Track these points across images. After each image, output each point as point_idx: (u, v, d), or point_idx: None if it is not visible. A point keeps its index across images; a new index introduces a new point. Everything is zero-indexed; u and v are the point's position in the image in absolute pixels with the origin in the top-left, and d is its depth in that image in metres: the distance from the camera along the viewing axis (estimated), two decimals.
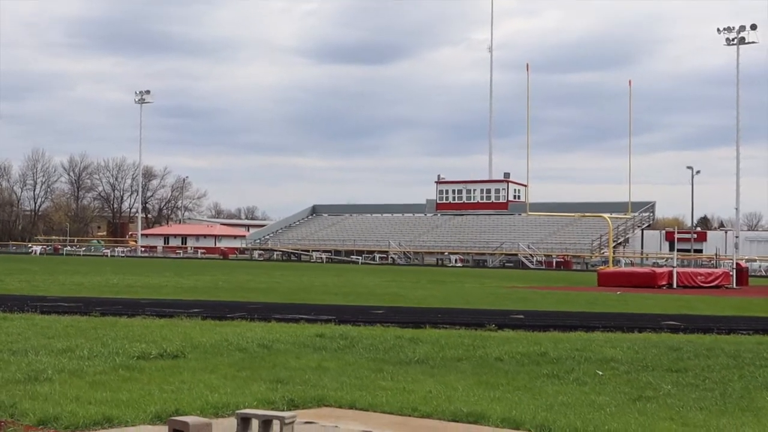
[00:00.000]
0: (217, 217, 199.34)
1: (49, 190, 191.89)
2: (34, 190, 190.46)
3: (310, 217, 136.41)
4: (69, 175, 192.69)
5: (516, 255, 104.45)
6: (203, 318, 20.02)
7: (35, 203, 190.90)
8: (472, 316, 22.57)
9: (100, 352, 13.96)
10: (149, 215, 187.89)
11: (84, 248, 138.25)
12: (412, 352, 14.64)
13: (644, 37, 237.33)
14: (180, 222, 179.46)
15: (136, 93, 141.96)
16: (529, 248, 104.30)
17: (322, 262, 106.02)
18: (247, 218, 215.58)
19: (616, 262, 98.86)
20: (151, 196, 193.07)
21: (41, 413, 9.42)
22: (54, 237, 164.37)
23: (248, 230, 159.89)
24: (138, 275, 47.20)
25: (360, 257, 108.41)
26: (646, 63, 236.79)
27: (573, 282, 52.52)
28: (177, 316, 20.29)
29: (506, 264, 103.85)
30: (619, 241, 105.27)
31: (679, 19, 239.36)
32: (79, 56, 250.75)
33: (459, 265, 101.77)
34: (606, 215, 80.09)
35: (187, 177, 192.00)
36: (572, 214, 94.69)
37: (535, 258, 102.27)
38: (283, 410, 9.95)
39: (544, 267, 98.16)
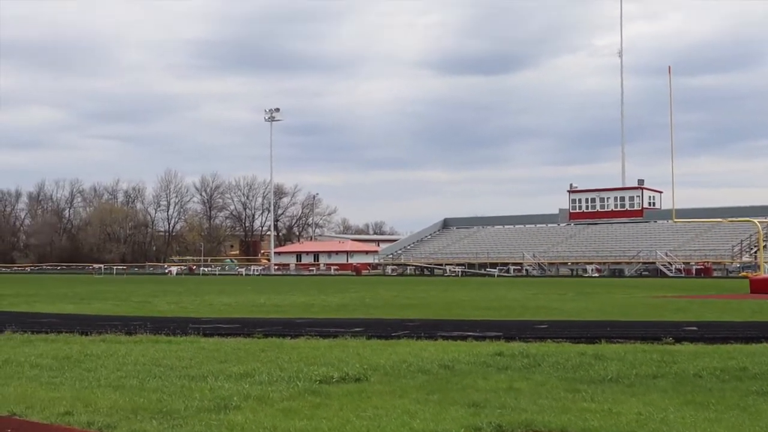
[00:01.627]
0: (346, 233, 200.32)
1: (182, 210, 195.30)
2: (168, 211, 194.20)
3: (441, 230, 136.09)
4: (201, 194, 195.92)
5: (653, 263, 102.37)
6: (368, 337, 19.52)
7: (169, 224, 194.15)
8: (641, 329, 21.65)
9: (279, 376, 13.53)
10: (279, 233, 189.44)
11: (218, 268, 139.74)
12: (603, 370, 13.91)
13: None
14: (311, 239, 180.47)
15: (265, 111, 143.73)
16: (667, 256, 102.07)
17: (457, 275, 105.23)
18: (375, 233, 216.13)
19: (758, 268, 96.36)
20: (282, 213, 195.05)
21: None
22: (188, 257, 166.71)
23: (378, 245, 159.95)
24: (281, 294, 47.14)
25: (495, 270, 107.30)
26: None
27: (722, 290, 50.92)
28: (341, 336, 19.82)
29: (643, 273, 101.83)
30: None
31: None
32: (204, 77, 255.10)
33: (596, 275, 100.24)
34: (756, 219, 77.77)
35: (317, 194, 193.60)
36: (719, 220, 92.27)
37: (673, 266, 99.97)
38: None
39: (683, 275, 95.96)
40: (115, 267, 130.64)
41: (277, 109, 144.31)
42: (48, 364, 15.36)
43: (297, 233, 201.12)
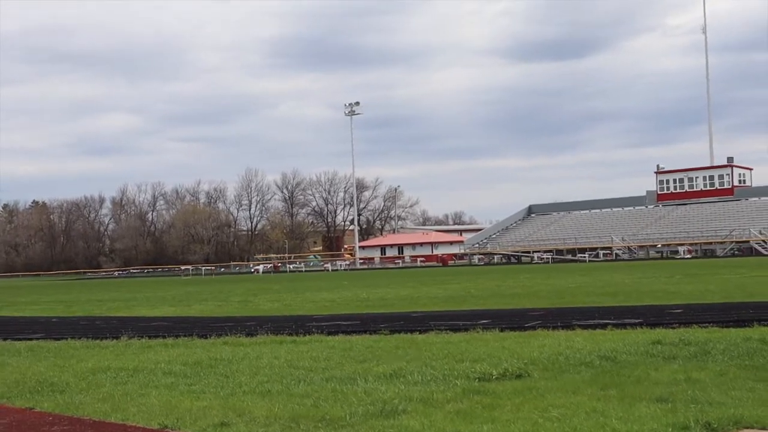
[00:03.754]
0: (426, 225, 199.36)
1: (264, 208, 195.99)
2: (250, 210, 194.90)
3: (526, 218, 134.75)
4: (282, 192, 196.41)
5: (747, 242, 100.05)
6: (501, 330, 18.60)
7: (251, 222, 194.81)
8: None
9: (432, 375, 12.65)
10: (361, 227, 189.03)
11: (303, 264, 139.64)
12: None
13: None
14: (394, 231, 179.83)
15: (345, 105, 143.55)
16: (761, 234, 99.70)
17: (548, 262, 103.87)
18: (455, 223, 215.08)
19: None
20: (364, 207, 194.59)
21: None
22: (271, 255, 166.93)
23: (461, 235, 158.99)
24: (380, 287, 46.39)
25: (586, 255, 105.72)
26: None
27: None
28: (471, 329, 18.92)
29: (736, 253, 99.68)
30: None
31: None
32: (278, 75, 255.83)
33: (688, 256, 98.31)
34: None
35: (399, 186, 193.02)
36: None
37: None
38: None
39: None
40: (203, 268, 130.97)
41: (357, 103, 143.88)
42: (180, 370, 14.63)
43: (380, 226, 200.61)
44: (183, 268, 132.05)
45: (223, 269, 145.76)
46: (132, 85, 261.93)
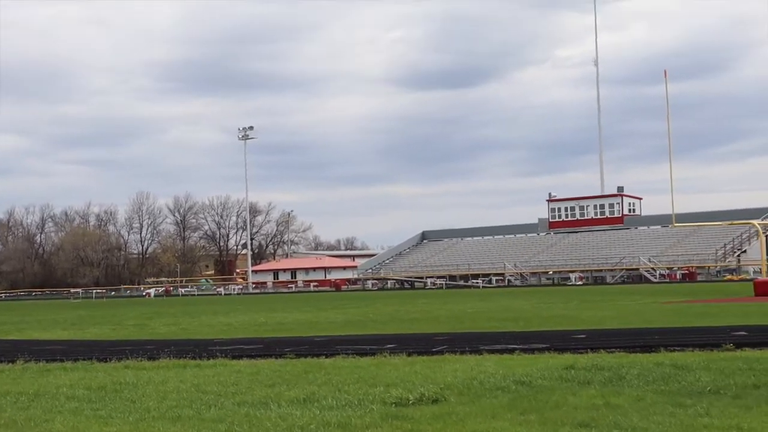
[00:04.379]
0: (318, 249, 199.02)
1: (155, 231, 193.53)
2: (141, 233, 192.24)
3: (419, 243, 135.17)
4: (174, 215, 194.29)
5: (637, 269, 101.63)
6: (408, 354, 18.41)
7: (142, 246, 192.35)
8: (688, 335, 20.60)
9: (347, 400, 12.40)
10: (254, 251, 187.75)
11: (195, 288, 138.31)
12: (696, 381, 12.87)
13: (732, 43, 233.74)
14: (287, 256, 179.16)
15: (239, 129, 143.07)
16: (650, 261, 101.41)
17: (441, 287, 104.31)
18: (347, 249, 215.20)
19: (744, 271, 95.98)
20: (257, 231, 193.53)
21: None
22: (162, 278, 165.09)
23: (354, 260, 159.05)
24: (277, 312, 45.99)
25: (479, 281, 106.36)
26: (737, 69, 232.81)
27: (726, 293, 50.16)
28: (378, 353, 18.70)
29: (626, 280, 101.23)
30: (743, 250, 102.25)
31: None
32: (169, 99, 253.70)
33: (579, 283, 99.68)
34: (756, 222, 77.28)
35: (292, 211, 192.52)
36: (720, 223, 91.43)
37: (657, 271, 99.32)
38: None
39: (667, 280, 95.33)
40: (94, 291, 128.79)
41: (251, 128, 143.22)
42: (84, 395, 14.16)
43: (272, 251, 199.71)
44: (73, 291, 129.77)
45: (113, 292, 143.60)
46: (19, 105, 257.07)
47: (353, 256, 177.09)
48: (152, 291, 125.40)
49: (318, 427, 10.51)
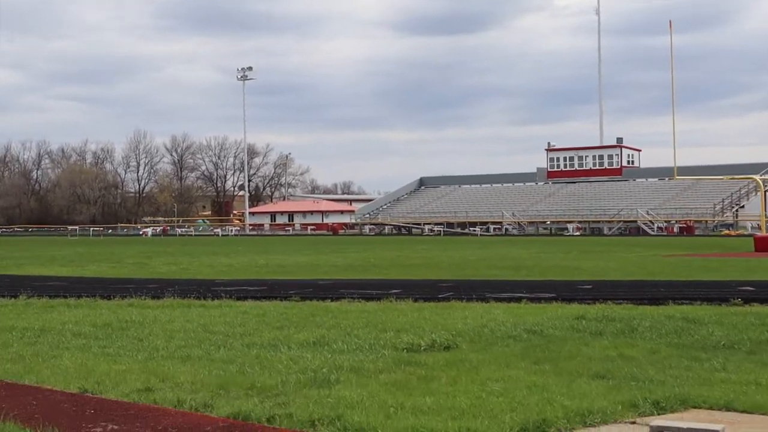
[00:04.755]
0: (314, 193, 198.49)
1: (152, 171, 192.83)
2: (138, 172, 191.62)
3: (417, 190, 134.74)
4: (172, 155, 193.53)
5: (635, 222, 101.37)
6: (414, 300, 18.32)
7: (139, 185, 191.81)
8: (695, 289, 20.45)
9: (358, 344, 12.29)
10: (251, 193, 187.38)
11: (192, 228, 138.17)
12: (710, 336, 12.76)
13: None
14: (284, 199, 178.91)
15: (237, 70, 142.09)
16: (648, 214, 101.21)
17: (439, 234, 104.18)
18: (344, 193, 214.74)
19: (741, 227, 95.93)
20: (255, 173, 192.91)
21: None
22: (159, 218, 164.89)
23: (351, 205, 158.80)
24: (276, 254, 45.96)
25: (477, 229, 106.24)
26: (738, 23, 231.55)
27: (725, 248, 50.01)
28: (384, 298, 18.62)
29: (623, 232, 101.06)
30: (741, 205, 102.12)
31: None
32: (165, 38, 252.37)
33: (577, 233, 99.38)
34: (756, 176, 76.96)
35: (290, 153, 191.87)
36: (721, 177, 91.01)
37: (655, 224, 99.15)
38: (653, 415, 8.24)
39: (665, 233, 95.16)
40: (91, 228, 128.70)
41: (250, 68, 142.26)
42: (90, 332, 14.09)
43: (269, 193, 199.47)
44: (70, 228, 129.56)
45: (110, 231, 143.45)
46: (11, 40, 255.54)
47: (350, 201, 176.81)
48: (149, 230, 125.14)
49: (330, 370, 10.39)
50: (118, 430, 7.97)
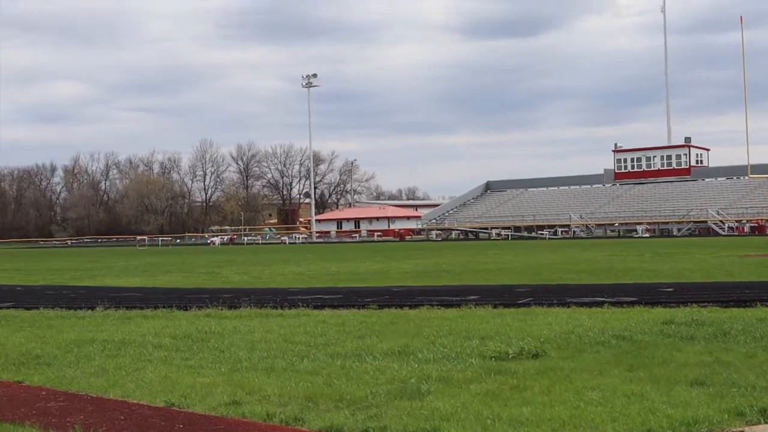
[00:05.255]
0: (378, 199, 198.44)
1: (218, 180, 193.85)
2: (204, 181, 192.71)
3: (483, 194, 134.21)
4: (237, 164, 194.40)
5: (705, 222, 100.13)
6: (494, 306, 18.02)
7: (206, 194, 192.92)
8: None
9: (443, 353, 12.05)
10: (316, 200, 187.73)
11: (258, 237, 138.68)
12: None
13: None
14: (349, 206, 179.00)
15: (302, 77, 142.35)
16: (718, 214, 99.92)
17: (506, 239, 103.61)
18: (408, 198, 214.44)
19: None
20: (320, 180, 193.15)
21: None
22: (226, 227, 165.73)
23: (416, 210, 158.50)
24: (347, 261, 45.80)
25: (545, 232, 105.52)
26: None
27: None
28: (463, 305, 18.34)
29: (693, 232, 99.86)
30: None
31: None
32: (230, 47, 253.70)
33: (646, 235, 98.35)
34: None
35: (355, 160, 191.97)
36: None
37: (726, 224, 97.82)
38: (760, 423, 7.93)
39: (736, 233, 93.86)
40: (159, 238, 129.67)
41: (315, 75, 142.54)
42: (171, 344, 13.97)
43: (335, 200, 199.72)
44: (138, 238, 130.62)
45: (178, 240, 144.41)
46: (80, 53, 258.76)
47: (416, 206, 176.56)
48: (217, 239, 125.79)
49: (419, 380, 10.17)
50: None
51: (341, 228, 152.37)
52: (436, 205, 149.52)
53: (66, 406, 9.57)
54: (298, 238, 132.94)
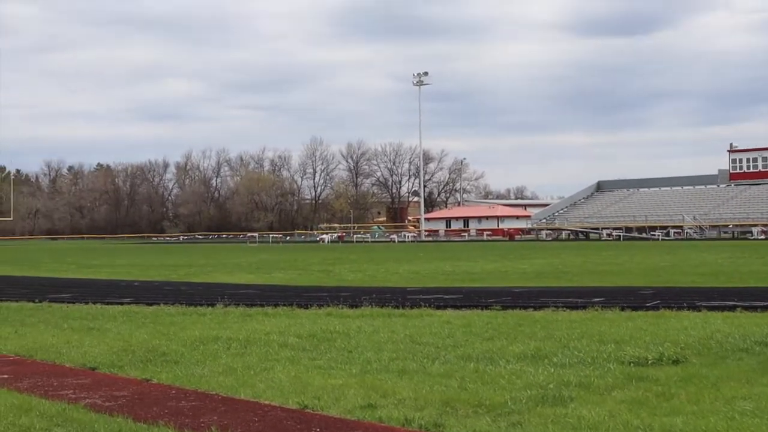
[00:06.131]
0: (487, 199, 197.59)
1: (328, 177, 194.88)
2: (314, 179, 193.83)
3: (594, 194, 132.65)
4: (347, 161, 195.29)
5: None
6: (621, 309, 17.53)
7: (315, 191, 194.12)
8: None
9: (579, 357, 11.65)
10: (425, 199, 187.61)
11: (368, 235, 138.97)
12: None
13: None
14: (459, 204, 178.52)
15: (414, 75, 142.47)
16: None
17: (618, 239, 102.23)
18: (517, 198, 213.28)
19: None
20: (429, 179, 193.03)
21: None
22: (335, 224, 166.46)
23: (525, 210, 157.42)
24: (460, 261, 45.49)
25: (658, 233, 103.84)
26: None
27: None
28: (589, 306, 17.90)
29: None
30: None
31: None
32: (340, 45, 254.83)
33: (762, 237, 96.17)
34: None
35: (465, 158, 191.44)
36: None
37: None
38: None
39: None
40: (270, 235, 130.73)
41: (426, 73, 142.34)
42: (297, 343, 13.78)
43: (444, 199, 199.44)
44: (248, 235, 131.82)
45: (288, 237, 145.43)
46: (192, 51, 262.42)
47: (525, 206, 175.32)
48: (326, 237, 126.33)
49: (558, 386, 9.81)
50: None
51: (450, 227, 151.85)
52: (545, 205, 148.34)
53: (198, 406, 9.43)
54: (407, 236, 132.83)
